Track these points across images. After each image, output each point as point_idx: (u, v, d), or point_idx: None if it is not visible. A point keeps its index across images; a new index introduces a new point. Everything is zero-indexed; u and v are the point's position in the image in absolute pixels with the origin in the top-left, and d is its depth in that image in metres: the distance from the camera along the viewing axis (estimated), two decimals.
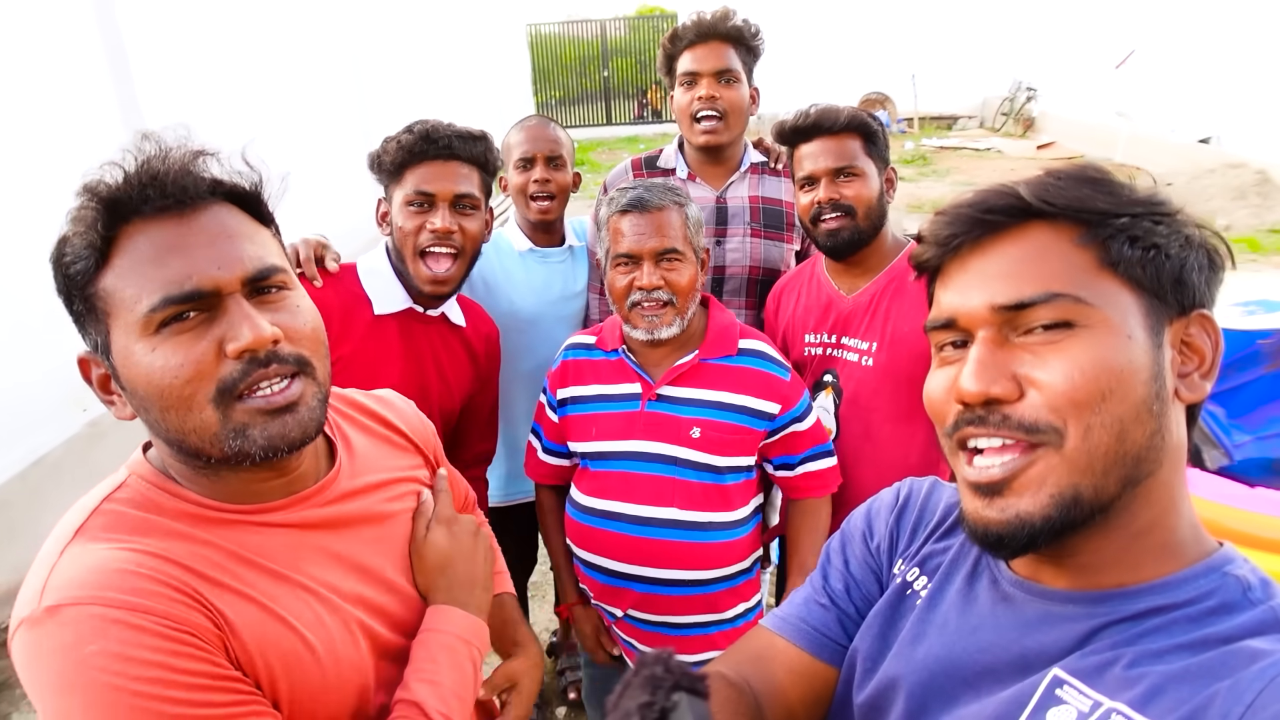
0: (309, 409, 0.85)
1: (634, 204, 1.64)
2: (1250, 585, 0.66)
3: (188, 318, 0.80)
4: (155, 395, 0.79)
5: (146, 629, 0.74)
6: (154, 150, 0.82)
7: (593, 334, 1.82)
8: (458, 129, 1.70)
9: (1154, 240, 0.67)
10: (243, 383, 0.80)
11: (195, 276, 0.79)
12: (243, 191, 0.88)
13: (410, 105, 6.72)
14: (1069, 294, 0.66)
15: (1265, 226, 7.60)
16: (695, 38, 2.11)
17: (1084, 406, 0.65)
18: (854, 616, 0.91)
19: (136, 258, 0.80)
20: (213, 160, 0.86)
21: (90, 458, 2.54)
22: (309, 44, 4.97)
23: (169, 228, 0.81)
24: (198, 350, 0.79)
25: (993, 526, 0.68)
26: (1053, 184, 0.69)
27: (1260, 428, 3.12)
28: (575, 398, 1.77)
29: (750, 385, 1.69)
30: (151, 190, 0.80)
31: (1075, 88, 13.20)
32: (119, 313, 0.80)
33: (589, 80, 18.20)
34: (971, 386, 0.68)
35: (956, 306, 0.72)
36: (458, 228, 1.66)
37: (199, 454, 0.82)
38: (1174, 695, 0.61)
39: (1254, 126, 9.20)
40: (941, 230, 0.73)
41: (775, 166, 2.25)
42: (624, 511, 1.69)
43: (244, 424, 0.81)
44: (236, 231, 0.84)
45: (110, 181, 0.80)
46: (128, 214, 0.80)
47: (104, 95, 2.91)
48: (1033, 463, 0.66)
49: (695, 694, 0.64)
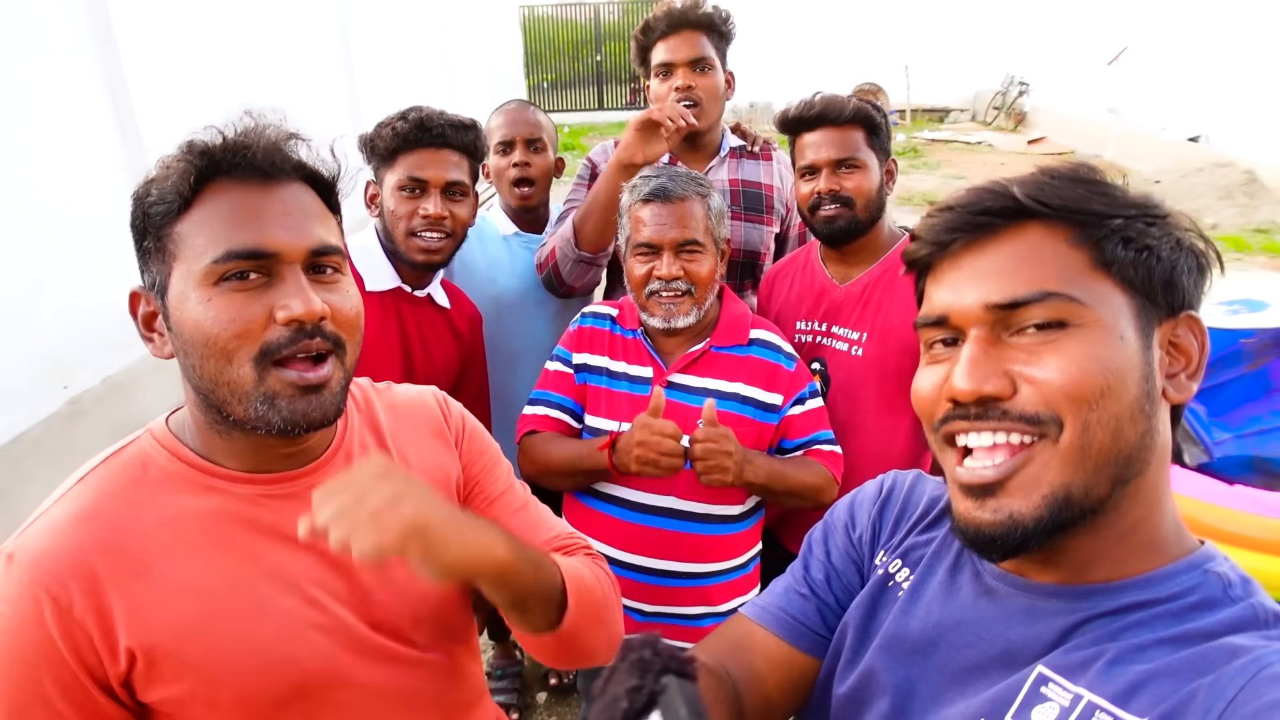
0: (333, 394, 0.89)
1: (656, 193, 1.63)
2: (1231, 582, 0.66)
3: (249, 278, 0.84)
4: (200, 342, 0.84)
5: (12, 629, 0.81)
6: (255, 124, 0.89)
7: (615, 307, 1.81)
8: (449, 118, 1.77)
9: (1147, 242, 0.67)
10: (286, 349, 0.84)
11: (262, 238, 0.85)
12: (322, 178, 0.94)
13: (401, 88, 6.65)
14: (1063, 293, 0.66)
15: (1251, 226, 7.66)
16: (667, 28, 2.11)
17: (1081, 402, 0.65)
18: (834, 607, 0.91)
19: (215, 213, 0.85)
20: (302, 145, 0.93)
21: (71, 435, 2.52)
22: (299, 23, 4.91)
23: (251, 193, 0.87)
24: (250, 310, 0.84)
25: (985, 528, 0.68)
26: (1047, 183, 0.69)
27: (1240, 426, 3.15)
28: (590, 366, 1.76)
29: (757, 376, 1.69)
30: (245, 157, 0.86)
31: (1067, 83, 13.23)
32: (185, 258, 0.85)
33: (582, 64, 18.10)
34: (964, 384, 0.68)
35: (949, 304, 0.71)
36: (448, 213, 1.74)
37: (223, 407, 0.86)
38: (1155, 690, 0.61)
39: (1243, 126, 9.26)
40: (935, 229, 0.73)
41: (753, 150, 2.26)
42: (623, 497, 1.68)
43: (275, 392, 0.85)
44: (309, 210, 0.91)
45: (211, 141, 0.87)
46: (217, 173, 0.86)
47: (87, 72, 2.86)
48: (1028, 461, 0.67)
49: (684, 677, 0.64)
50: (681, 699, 0.60)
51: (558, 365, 1.79)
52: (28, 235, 2.47)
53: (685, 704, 0.60)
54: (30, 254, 2.46)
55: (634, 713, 0.62)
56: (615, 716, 0.62)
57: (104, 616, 0.82)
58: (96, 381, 2.69)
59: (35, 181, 2.52)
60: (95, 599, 0.82)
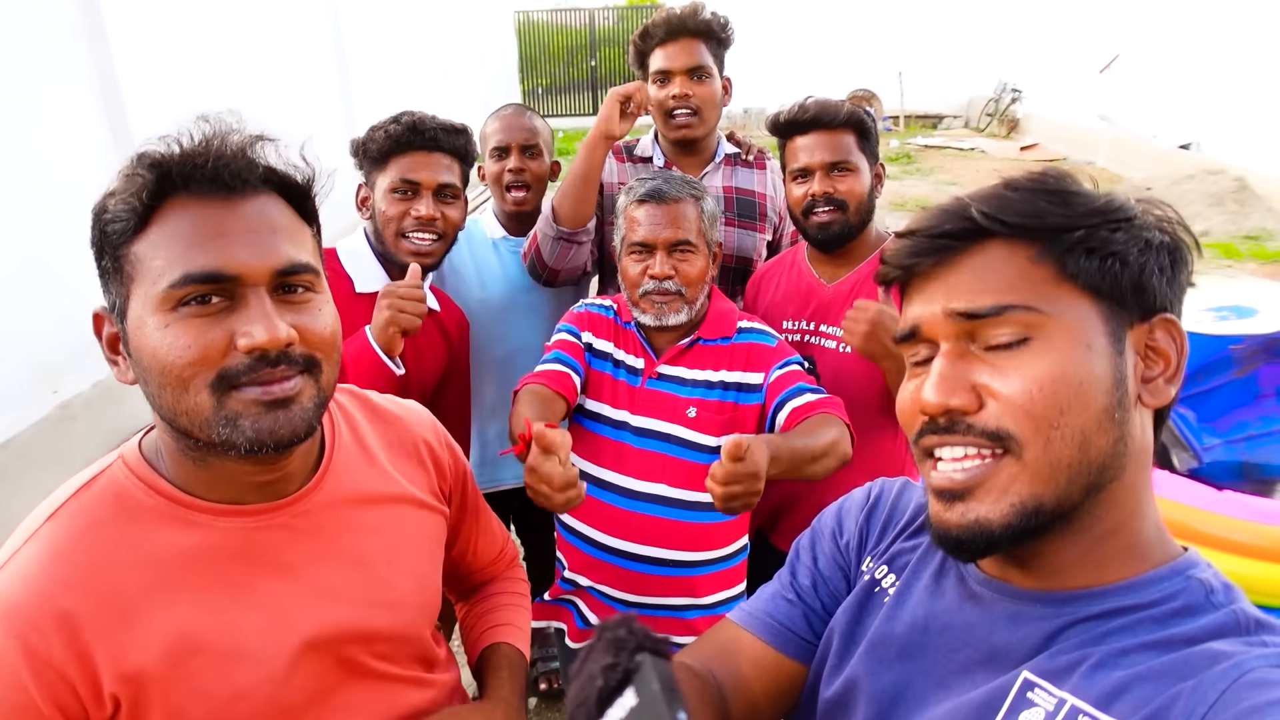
0: (303, 409, 0.83)
1: (651, 194, 1.69)
2: (1213, 589, 0.67)
3: (210, 301, 0.79)
4: (157, 370, 0.79)
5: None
6: (213, 130, 0.82)
7: (613, 300, 1.84)
8: (441, 122, 1.79)
9: (1111, 249, 0.67)
10: (245, 377, 0.79)
11: (223, 260, 0.78)
12: (293, 184, 0.87)
13: (395, 92, 6.66)
14: (1024, 304, 0.67)
15: (1241, 233, 7.71)
16: (666, 35, 2.13)
17: (1042, 420, 0.65)
18: (821, 613, 0.91)
19: (173, 232, 0.79)
20: (270, 150, 0.86)
21: (61, 440, 2.51)
22: (294, 25, 4.91)
23: (213, 209, 0.80)
24: (208, 336, 0.78)
25: (951, 530, 0.69)
26: (1006, 199, 0.69)
27: (1229, 431, 3.17)
28: (595, 348, 1.78)
29: (741, 360, 1.72)
30: (204, 170, 0.80)
31: (1059, 90, 13.31)
32: (142, 281, 0.79)
33: (576, 69, 18.13)
34: (932, 398, 0.69)
35: (918, 315, 0.73)
36: (440, 215, 1.75)
37: (188, 435, 0.82)
38: (1138, 694, 0.62)
39: (1234, 134, 9.32)
40: (901, 255, 0.74)
41: (748, 159, 2.28)
42: (612, 481, 1.70)
43: (237, 413, 0.80)
44: (277, 225, 0.84)
45: (165, 153, 0.80)
46: (175, 188, 0.80)
47: (78, 70, 2.86)
48: (996, 471, 0.67)
49: (657, 655, 0.65)
50: (655, 675, 0.61)
51: (565, 336, 1.78)
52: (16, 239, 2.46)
53: (659, 680, 0.61)
54: (19, 258, 2.46)
55: (609, 690, 0.63)
56: (591, 695, 0.63)
57: (86, 662, 0.78)
58: (87, 386, 2.68)
59: (25, 184, 2.51)
60: (76, 645, 0.77)
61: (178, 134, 0.81)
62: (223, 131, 0.82)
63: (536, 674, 2.65)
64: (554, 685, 2.60)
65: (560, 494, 1.27)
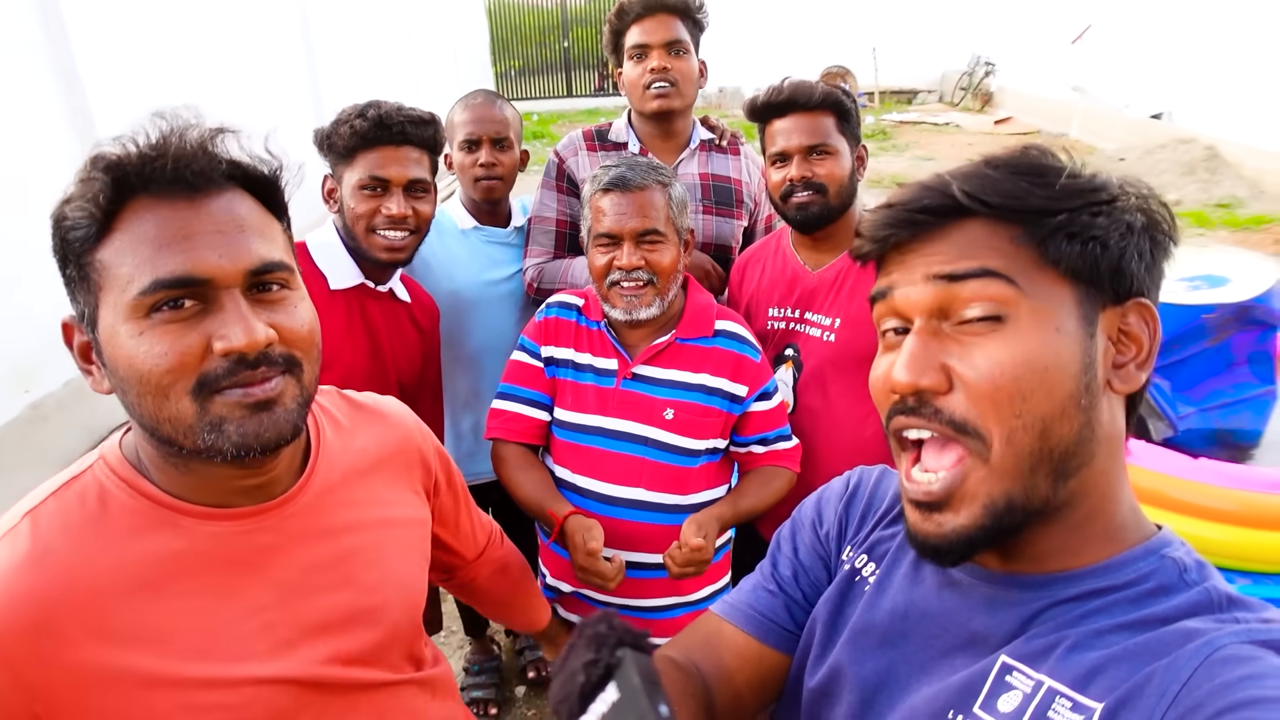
0: (287, 411, 0.82)
1: (616, 183, 1.62)
2: (1187, 567, 0.67)
3: (183, 306, 0.77)
4: (134, 379, 0.77)
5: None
6: (169, 128, 0.79)
7: (580, 296, 1.79)
8: (408, 113, 1.73)
9: (1092, 233, 0.66)
10: (225, 380, 0.77)
11: (193, 264, 0.76)
12: (260, 177, 0.85)
13: (365, 76, 6.56)
14: (1004, 274, 0.66)
15: (1213, 201, 7.78)
16: (642, 11, 2.11)
17: (1004, 407, 0.65)
18: (802, 603, 0.91)
19: (137, 237, 0.76)
20: (233, 144, 0.83)
21: (33, 441, 2.47)
22: (258, 9, 4.81)
23: (177, 210, 0.78)
24: (184, 342, 0.76)
25: (931, 539, 0.70)
26: (988, 178, 0.68)
27: (1204, 400, 3.22)
28: (556, 359, 1.74)
29: (723, 367, 1.69)
30: (163, 170, 0.77)
31: (1032, 63, 13.34)
32: (110, 289, 0.77)
33: (549, 51, 17.93)
34: (903, 377, 0.68)
35: (894, 281, 0.72)
36: (411, 211, 1.72)
37: (171, 442, 0.80)
38: (1113, 675, 0.62)
39: (1205, 103, 9.39)
40: (876, 227, 0.72)
41: (722, 145, 2.26)
42: (591, 488, 1.68)
43: (220, 417, 0.78)
44: (246, 223, 0.81)
45: (121, 154, 0.77)
46: (134, 191, 0.77)
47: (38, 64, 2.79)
48: (965, 477, 0.67)
49: (639, 649, 0.66)
50: (636, 670, 0.62)
51: (525, 357, 1.77)
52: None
53: (639, 674, 0.62)
54: None
55: (590, 685, 0.64)
56: (573, 690, 0.64)
57: (67, 669, 0.76)
58: (58, 385, 2.64)
59: None
60: (52, 651, 0.75)
61: (133, 133, 0.78)
62: (180, 128, 0.79)
63: (524, 663, 2.66)
64: (541, 673, 2.61)
65: (613, 583, 1.56)
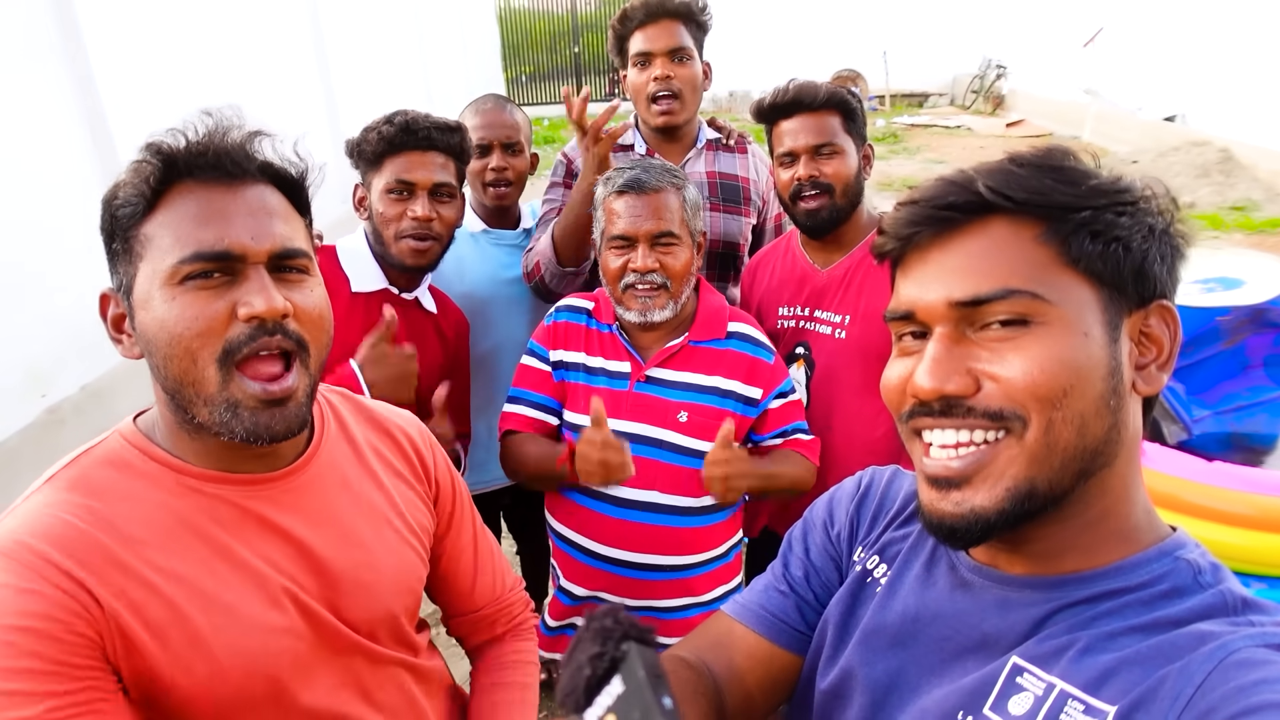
0: (298, 404, 0.90)
1: (630, 185, 1.62)
2: (1201, 569, 0.67)
3: (212, 277, 0.86)
4: (165, 341, 0.85)
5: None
6: (215, 125, 0.90)
7: (590, 299, 1.79)
8: (435, 120, 1.78)
9: (1116, 233, 0.66)
10: (247, 346, 0.85)
11: (228, 239, 0.86)
12: (288, 177, 0.95)
13: (377, 83, 6.59)
14: (1027, 290, 0.66)
15: (1227, 204, 7.72)
16: (645, 17, 2.11)
17: (1045, 401, 0.64)
18: (813, 604, 0.91)
19: (180, 213, 0.87)
20: (267, 141, 0.93)
21: (50, 445, 2.49)
22: (273, 16, 4.85)
23: (216, 194, 0.88)
24: (213, 308, 0.85)
25: (947, 519, 0.69)
26: (1013, 174, 0.68)
27: (1218, 403, 3.18)
28: (566, 363, 1.74)
29: (737, 369, 1.68)
30: (207, 158, 0.87)
31: (1044, 66, 13.28)
32: (150, 258, 0.86)
33: (560, 56, 18.00)
34: (926, 384, 0.68)
35: (915, 299, 0.71)
36: (436, 215, 1.74)
37: (189, 408, 0.87)
38: (1126, 677, 0.62)
39: (1218, 105, 9.32)
40: (900, 223, 0.72)
41: (729, 144, 2.26)
42: (605, 492, 1.67)
43: (238, 401, 0.86)
44: (274, 211, 0.91)
45: (172, 143, 0.88)
46: (181, 174, 0.87)
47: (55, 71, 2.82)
48: (994, 457, 0.66)
49: (644, 643, 0.66)
50: (641, 663, 0.63)
51: (534, 361, 1.77)
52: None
53: (644, 667, 0.62)
54: (3, 262, 2.43)
55: (596, 679, 0.64)
56: (579, 684, 0.64)
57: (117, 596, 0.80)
58: (75, 389, 2.66)
59: (5, 187, 2.48)
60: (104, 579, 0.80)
61: (184, 126, 0.88)
62: (224, 126, 0.90)
63: None
64: (551, 676, 2.60)
65: (627, 471, 1.52)
